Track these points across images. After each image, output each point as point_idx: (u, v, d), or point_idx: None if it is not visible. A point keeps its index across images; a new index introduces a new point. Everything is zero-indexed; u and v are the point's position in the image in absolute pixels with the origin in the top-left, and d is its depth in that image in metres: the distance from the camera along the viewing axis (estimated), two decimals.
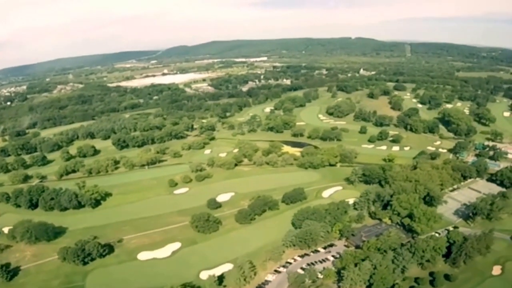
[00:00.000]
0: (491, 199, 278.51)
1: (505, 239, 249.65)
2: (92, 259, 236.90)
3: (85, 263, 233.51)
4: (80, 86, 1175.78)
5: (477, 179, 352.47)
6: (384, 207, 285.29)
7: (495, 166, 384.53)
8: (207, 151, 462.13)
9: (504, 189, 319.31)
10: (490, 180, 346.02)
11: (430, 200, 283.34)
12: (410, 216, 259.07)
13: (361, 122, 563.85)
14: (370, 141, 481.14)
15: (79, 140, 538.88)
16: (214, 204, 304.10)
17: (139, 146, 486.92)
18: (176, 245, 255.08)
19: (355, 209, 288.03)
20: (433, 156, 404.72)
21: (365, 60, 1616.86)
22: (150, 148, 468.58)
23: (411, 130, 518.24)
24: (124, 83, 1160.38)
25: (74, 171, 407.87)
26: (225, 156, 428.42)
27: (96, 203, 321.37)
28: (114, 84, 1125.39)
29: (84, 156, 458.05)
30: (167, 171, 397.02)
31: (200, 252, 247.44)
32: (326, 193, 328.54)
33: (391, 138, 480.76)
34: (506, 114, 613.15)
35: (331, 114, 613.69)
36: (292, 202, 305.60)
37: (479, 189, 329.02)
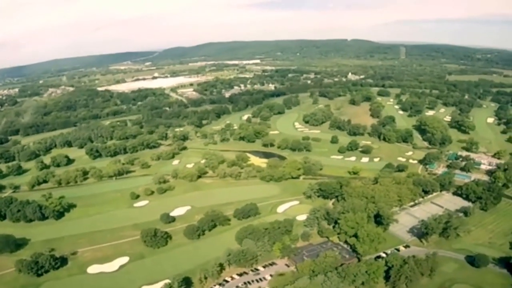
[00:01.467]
0: (446, 217, 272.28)
1: (458, 259, 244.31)
2: (46, 271, 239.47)
3: (39, 275, 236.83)
4: (71, 89, 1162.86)
5: (443, 192, 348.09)
6: (336, 224, 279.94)
7: (465, 178, 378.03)
8: (175, 162, 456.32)
9: (470, 204, 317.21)
10: (457, 193, 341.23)
11: (380, 219, 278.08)
12: (356, 235, 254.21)
13: (336, 131, 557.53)
14: (340, 151, 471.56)
15: (56, 148, 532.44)
16: (167, 219, 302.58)
17: (112, 156, 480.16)
18: (125, 259, 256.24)
19: (306, 226, 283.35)
20: (400, 168, 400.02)
21: (357, 63, 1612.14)
22: (119, 159, 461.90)
23: (384, 139, 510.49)
24: (113, 87, 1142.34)
25: (45, 182, 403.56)
26: (191, 167, 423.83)
27: (60, 215, 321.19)
28: (103, 88, 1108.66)
29: (58, 165, 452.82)
30: (133, 183, 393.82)
31: (145, 267, 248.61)
32: (281, 208, 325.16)
33: (361, 149, 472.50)
34: (490, 120, 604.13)
35: (307, 122, 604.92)
36: (244, 218, 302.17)
37: (442, 204, 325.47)
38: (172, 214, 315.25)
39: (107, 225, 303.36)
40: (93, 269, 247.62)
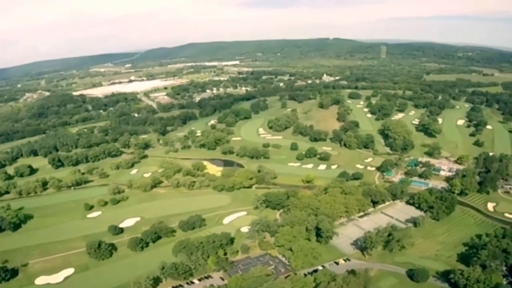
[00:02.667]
0: (389, 230, 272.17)
1: (399, 273, 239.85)
2: None
3: None
4: (47, 94, 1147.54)
5: (396, 201, 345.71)
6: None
7: (422, 186, 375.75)
8: (134, 171, 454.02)
9: (423, 213, 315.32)
10: (409, 202, 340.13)
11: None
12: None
13: (298, 136, 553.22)
14: (298, 158, 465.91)
15: (23, 157, 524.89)
16: (115, 230, 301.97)
17: (74, 165, 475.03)
18: (70, 271, 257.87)
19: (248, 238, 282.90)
20: (356, 176, 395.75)
21: (336, 63, 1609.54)
22: (79, 168, 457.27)
23: (345, 145, 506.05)
24: (88, 91, 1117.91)
25: (7, 192, 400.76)
26: (148, 176, 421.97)
27: (17, 226, 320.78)
28: (79, 93, 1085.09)
29: (22, 175, 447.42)
30: (89, 193, 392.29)
31: (88, 279, 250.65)
32: (227, 219, 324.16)
33: (319, 156, 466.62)
34: (460, 122, 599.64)
35: (271, 128, 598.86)
36: (190, 229, 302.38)
37: (392, 214, 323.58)
38: (122, 225, 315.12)
39: (60, 236, 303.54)
40: (40, 280, 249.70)
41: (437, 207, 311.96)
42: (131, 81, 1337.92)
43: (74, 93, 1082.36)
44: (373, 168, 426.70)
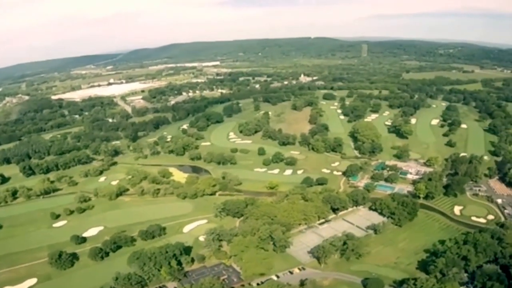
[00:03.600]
0: (343, 238, 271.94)
1: (354, 283, 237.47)
2: None
3: None
4: (26, 98, 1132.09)
5: (360, 207, 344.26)
6: None
7: (387, 190, 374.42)
8: (102, 179, 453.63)
9: (385, 219, 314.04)
10: (372, 208, 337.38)
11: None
12: None
13: (268, 140, 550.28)
14: (265, 164, 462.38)
15: None
16: (77, 240, 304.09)
17: (45, 173, 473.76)
18: (33, 281, 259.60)
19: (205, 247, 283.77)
20: (320, 181, 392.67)
21: (316, 63, 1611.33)
22: (49, 176, 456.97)
23: (313, 149, 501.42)
24: (67, 95, 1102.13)
25: None
26: (115, 184, 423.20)
27: None
28: (57, 97, 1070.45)
29: None
30: (57, 202, 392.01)
31: None
32: (187, 228, 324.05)
33: (286, 161, 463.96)
34: (434, 122, 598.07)
35: (241, 132, 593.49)
36: (150, 238, 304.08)
37: (354, 220, 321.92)
38: (85, 234, 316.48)
39: (26, 246, 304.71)
40: None
41: (398, 213, 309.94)
42: (110, 84, 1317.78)
43: (53, 97, 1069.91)
44: (339, 173, 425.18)
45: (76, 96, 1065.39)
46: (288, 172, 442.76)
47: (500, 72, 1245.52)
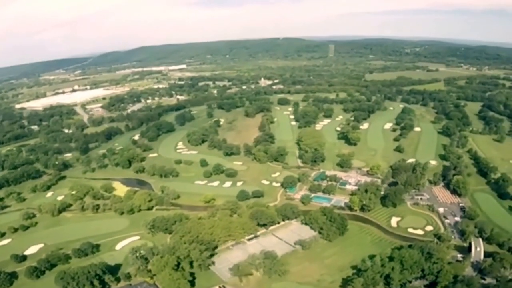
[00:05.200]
0: (261, 256, 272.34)
1: None
2: None
3: None
4: None
5: (292, 221, 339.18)
6: None
7: (324, 202, 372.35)
8: (49, 194, 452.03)
9: (316, 233, 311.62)
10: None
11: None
12: None
13: (214, 150, 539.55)
14: (205, 176, 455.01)
15: None
16: (18, 258, 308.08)
17: None
18: None
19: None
20: (256, 194, 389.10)
21: (281, 64, 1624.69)
22: None
23: (256, 159, 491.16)
24: (31, 103, 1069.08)
25: None
26: (60, 199, 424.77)
27: None
28: (21, 105, 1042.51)
29: None
30: (4, 219, 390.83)
31: None
32: (120, 245, 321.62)
33: (227, 172, 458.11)
34: (388, 126, 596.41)
35: (189, 142, 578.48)
36: (84, 256, 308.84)
37: (284, 235, 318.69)
38: (27, 252, 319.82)
39: None
40: None
41: (326, 228, 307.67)
42: (74, 90, 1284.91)
43: (17, 106, 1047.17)
44: (278, 184, 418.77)
45: (39, 104, 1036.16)
46: (228, 184, 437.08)
47: (465, 70, 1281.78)
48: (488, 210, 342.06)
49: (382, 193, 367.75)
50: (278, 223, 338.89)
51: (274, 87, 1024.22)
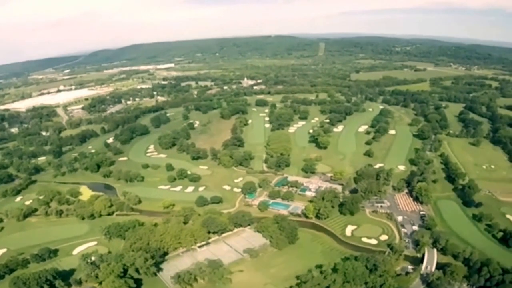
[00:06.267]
0: (204, 264, 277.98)
1: None
2: None
3: None
4: None
5: (246, 228, 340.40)
6: None
7: (281, 208, 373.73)
8: (18, 198, 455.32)
9: (267, 241, 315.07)
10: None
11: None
12: None
13: (183, 154, 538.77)
14: (169, 180, 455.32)
15: None
16: None
17: None
18: None
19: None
20: (215, 200, 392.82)
21: (269, 63, 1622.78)
22: None
23: (221, 164, 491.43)
24: (16, 104, 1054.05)
25: None
26: (28, 204, 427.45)
27: None
28: (5, 107, 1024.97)
29: None
30: None
31: None
32: (77, 250, 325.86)
33: (190, 177, 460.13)
34: (362, 128, 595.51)
35: (160, 145, 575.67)
36: (42, 261, 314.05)
37: (234, 243, 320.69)
38: None
39: None
40: None
41: (275, 236, 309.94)
42: (59, 91, 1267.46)
43: (1, 107, 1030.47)
44: (239, 190, 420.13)
45: (23, 105, 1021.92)
46: (190, 189, 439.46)
47: (454, 69, 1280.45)
48: (450, 219, 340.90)
49: (341, 200, 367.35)
50: (231, 230, 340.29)
51: (256, 87, 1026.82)
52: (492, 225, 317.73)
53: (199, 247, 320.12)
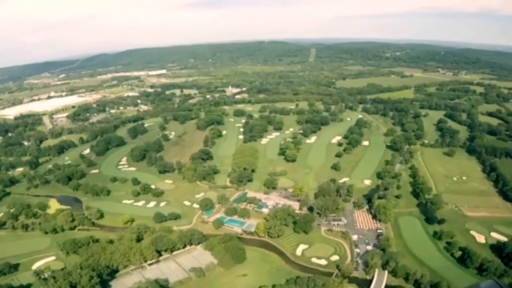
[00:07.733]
0: (150, 283, 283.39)
1: None
2: None
3: None
4: None
5: (197, 246, 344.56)
6: None
7: (236, 225, 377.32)
8: None
9: (215, 260, 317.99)
10: None
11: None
12: None
13: (152, 168, 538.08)
14: (133, 195, 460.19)
15: None
16: None
17: None
18: None
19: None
20: (172, 216, 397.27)
21: (258, 70, 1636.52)
22: None
23: (185, 178, 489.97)
24: (5, 112, 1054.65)
25: None
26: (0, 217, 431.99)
27: None
28: None
29: None
30: None
31: None
32: (36, 265, 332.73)
33: (153, 192, 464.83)
34: (335, 139, 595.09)
35: (132, 158, 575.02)
36: (2, 275, 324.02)
37: (183, 261, 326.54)
38: None
39: None
40: None
41: (220, 256, 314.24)
42: (49, 97, 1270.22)
43: None
44: (198, 206, 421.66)
45: (12, 112, 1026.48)
46: (152, 204, 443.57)
47: (441, 75, 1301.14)
48: (409, 237, 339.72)
49: (295, 218, 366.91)
50: (184, 247, 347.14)
51: (238, 96, 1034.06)
52: (452, 243, 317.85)
53: (149, 264, 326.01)
